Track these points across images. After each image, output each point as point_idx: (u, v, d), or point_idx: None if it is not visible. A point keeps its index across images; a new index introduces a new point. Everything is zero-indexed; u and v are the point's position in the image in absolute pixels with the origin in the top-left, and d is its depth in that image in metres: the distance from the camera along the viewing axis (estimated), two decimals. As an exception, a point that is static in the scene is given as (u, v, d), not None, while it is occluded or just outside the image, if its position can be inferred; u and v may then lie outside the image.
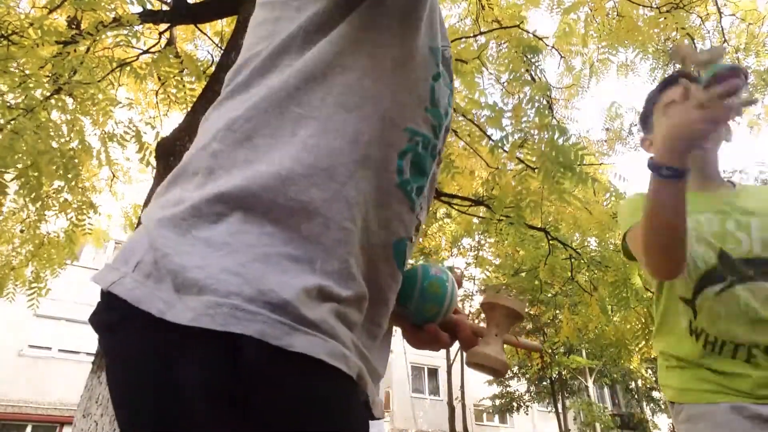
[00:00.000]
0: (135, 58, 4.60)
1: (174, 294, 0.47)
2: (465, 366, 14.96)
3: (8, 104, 3.03)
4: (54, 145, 3.51)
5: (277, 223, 0.51)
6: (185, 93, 4.50)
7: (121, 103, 3.99)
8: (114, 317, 0.51)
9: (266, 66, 0.61)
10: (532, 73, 4.04)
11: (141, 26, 3.58)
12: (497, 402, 17.07)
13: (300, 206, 0.52)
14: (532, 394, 16.91)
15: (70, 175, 3.82)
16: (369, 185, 0.57)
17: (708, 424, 1.20)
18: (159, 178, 2.84)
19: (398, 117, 0.61)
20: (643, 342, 5.35)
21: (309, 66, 0.58)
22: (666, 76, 1.49)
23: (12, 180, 3.36)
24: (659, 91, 1.47)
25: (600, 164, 6.61)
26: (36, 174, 3.30)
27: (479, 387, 18.20)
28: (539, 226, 5.08)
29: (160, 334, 0.47)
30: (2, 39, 3.03)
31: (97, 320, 0.54)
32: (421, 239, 10.05)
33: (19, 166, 3.27)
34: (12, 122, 2.90)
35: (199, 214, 0.51)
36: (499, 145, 3.67)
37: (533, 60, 3.98)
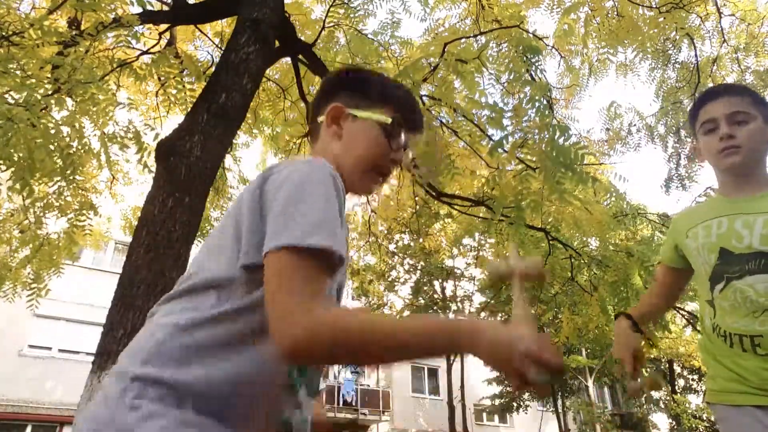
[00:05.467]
0: (135, 59, 4.60)
1: None
2: (465, 365, 14.95)
3: (7, 102, 3.02)
4: (52, 144, 3.50)
5: None
6: (185, 93, 4.50)
7: (122, 104, 3.98)
8: None
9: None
10: (532, 73, 4.04)
11: (141, 27, 3.57)
12: (497, 402, 17.05)
13: None
14: (532, 393, 16.89)
15: (68, 172, 3.81)
16: None
17: (732, 426, 1.33)
18: (159, 179, 2.84)
19: None
20: (643, 342, 5.34)
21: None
22: (704, 89, 1.61)
23: (6, 170, 3.31)
24: (698, 107, 1.53)
25: (600, 164, 6.61)
26: (29, 161, 3.23)
27: (479, 387, 18.19)
28: (539, 227, 5.08)
29: None
30: (2, 40, 3.03)
31: None
32: (422, 239, 10.05)
33: (14, 159, 3.23)
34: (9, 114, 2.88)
35: None
36: (499, 145, 3.66)
37: (533, 60, 3.97)
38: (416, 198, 5.90)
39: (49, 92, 3.21)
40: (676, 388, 18.94)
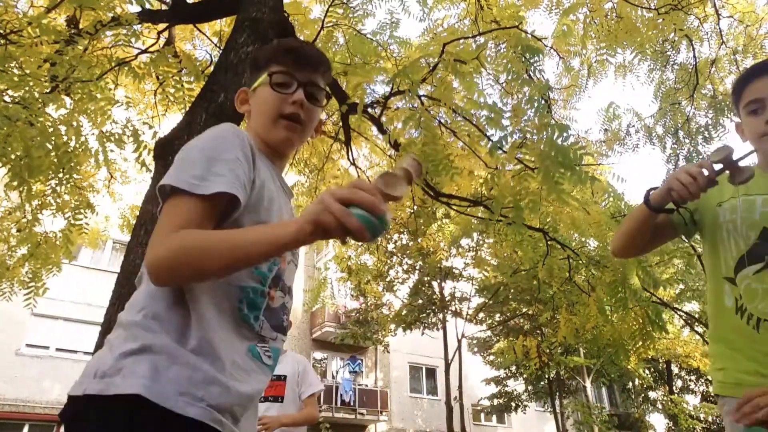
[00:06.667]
0: (133, 58, 4.59)
1: None
2: (464, 365, 14.96)
3: (4, 101, 3.01)
4: (49, 142, 3.49)
5: None
6: (184, 93, 4.49)
7: (119, 102, 3.97)
8: None
9: None
10: (531, 74, 4.04)
11: (140, 26, 3.57)
12: (495, 402, 17.05)
13: None
14: (530, 393, 16.90)
15: (64, 169, 3.80)
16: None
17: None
18: (157, 178, 2.83)
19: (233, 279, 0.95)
20: (641, 342, 5.36)
21: None
22: (750, 65, 1.47)
23: (1, 167, 3.29)
24: (743, 84, 1.44)
25: (599, 165, 6.62)
26: (27, 159, 3.21)
27: (477, 387, 18.20)
28: (538, 227, 5.08)
29: None
30: (0, 38, 3.02)
31: None
32: (420, 239, 10.05)
33: (12, 157, 3.22)
34: (7, 111, 2.87)
35: None
36: (498, 145, 3.66)
37: (532, 60, 3.97)
38: (414, 198, 5.90)
39: (47, 90, 3.21)
40: (674, 388, 18.98)
